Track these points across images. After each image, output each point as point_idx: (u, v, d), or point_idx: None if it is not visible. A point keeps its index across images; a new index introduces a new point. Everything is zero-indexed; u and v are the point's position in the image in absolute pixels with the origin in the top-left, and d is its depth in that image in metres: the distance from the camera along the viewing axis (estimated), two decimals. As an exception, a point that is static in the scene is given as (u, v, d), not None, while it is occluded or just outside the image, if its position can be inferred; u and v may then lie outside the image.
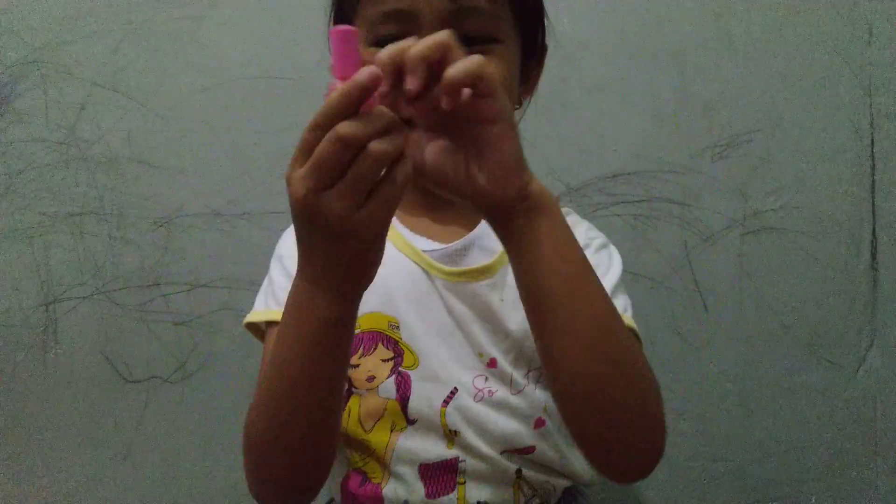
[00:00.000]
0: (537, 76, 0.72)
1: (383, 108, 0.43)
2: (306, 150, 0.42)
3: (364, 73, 0.41)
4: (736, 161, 1.10)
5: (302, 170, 0.42)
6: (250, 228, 1.05)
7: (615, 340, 0.51)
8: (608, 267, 0.70)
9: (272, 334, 0.66)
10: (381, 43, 0.60)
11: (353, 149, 0.41)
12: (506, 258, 0.67)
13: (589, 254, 0.70)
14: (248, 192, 1.06)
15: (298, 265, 0.49)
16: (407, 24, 0.60)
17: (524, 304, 0.53)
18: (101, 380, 1.05)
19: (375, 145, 0.42)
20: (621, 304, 0.67)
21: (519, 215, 0.49)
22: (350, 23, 0.65)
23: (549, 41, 0.72)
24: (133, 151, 1.05)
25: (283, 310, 0.63)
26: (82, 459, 1.06)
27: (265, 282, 0.72)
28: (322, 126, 0.42)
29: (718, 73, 1.10)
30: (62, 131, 1.04)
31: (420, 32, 0.58)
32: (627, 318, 0.67)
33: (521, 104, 0.71)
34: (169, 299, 1.05)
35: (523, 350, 0.66)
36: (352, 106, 0.41)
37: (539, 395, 0.66)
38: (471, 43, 0.59)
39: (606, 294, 0.52)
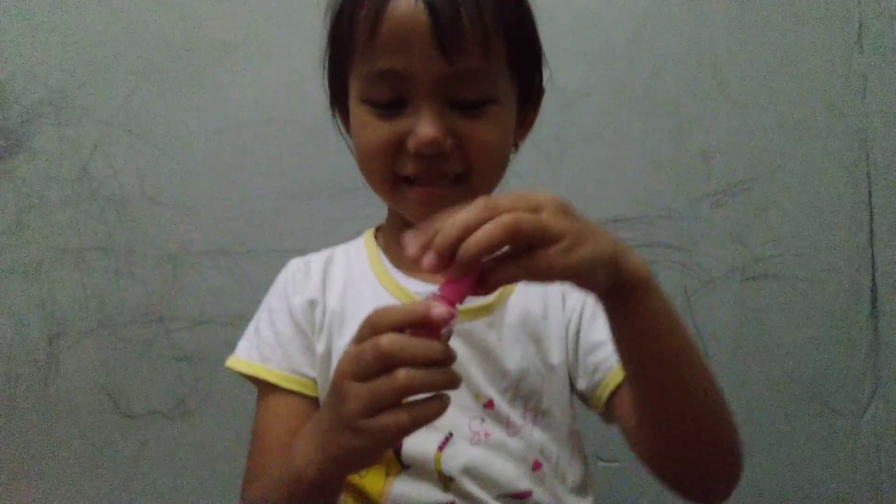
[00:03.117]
0: (533, 118, 0.72)
1: (444, 345, 0.43)
2: (359, 338, 0.44)
3: (439, 312, 0.42)
4: (734, 208, 1.12)
5: (349, 351, 0.44)
6: (255, 266, 1.07)
7: (716, 397, 0.53)
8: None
9: (266, 401, 0.67)
10: (373, 102, 0.61)
11: (389, 362, 0.42)
12: (504, 298, 0.68)
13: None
14: (253, 230, 1.08)
15: (318, 413, 0.50)
16: (402, 85, 0.59)
17: (631, 376, 0.54)
18: (101, 414, 1.05)
19: (403, 374, 0.42)
20: None
21: (612, 296, 0.48)
22: (344, 78, 0.65)
23: (549, 88, 0.73)
24: (143, 190, 1.07)
25: (266, 368, 0.66)
26: (81, 493, 1.05)
27: (252, 325, 0.72)
28: (378, 328, 0.43)
29: (715, 123, 1.12)
30: (74, 169, 1.07)
31: (414, 95, 0.59)
32: None
33: (517, 147, 0.71)
34: (172, 335, 1.06)
35: (520, 389, 0.66)
36: (413, 327, 0.42)
37: (536, 437, 0.65)
38: (466, 107, 0.60)
39: (698, 349, 0.53)
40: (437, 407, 0.43)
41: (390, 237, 0.73)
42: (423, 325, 0.42)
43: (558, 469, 0.65)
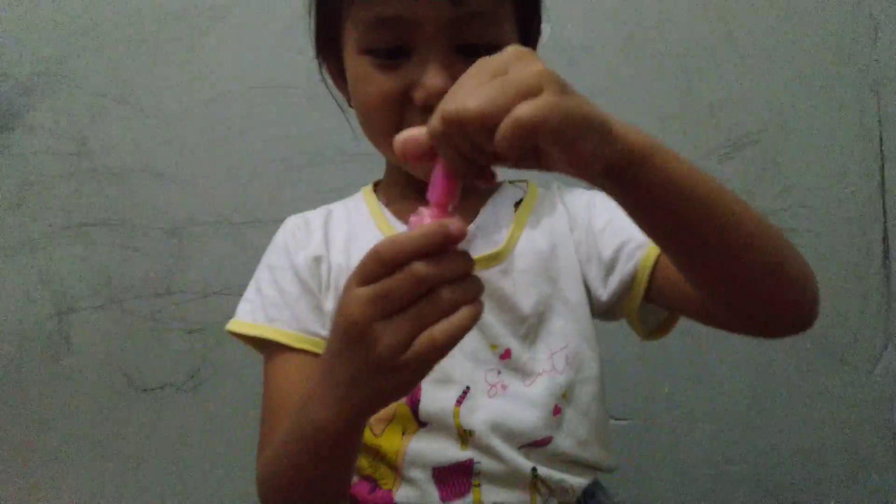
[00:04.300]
0: None
1: (463, 252, 0.42)
2: (371, 275, 0.41)
3: (456, 226, 0.40)
4: (743, 162, 1.10)
5: (364, 293, 0.41)
6: (259, 235, 1.05)
7: (765, 231, 0.48)
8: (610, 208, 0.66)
9: (276, 362, 0.65)
10: (374, 52, 0.58)
11: (426, 288, 0.40)
12: (513, 244, 0.67)
13: (599, 199, 0.68)
14: (256, 199, 1.07)
15: (324, 366, 0.47)
16: (406, 32, 0.57)
17: (666, 250, 0.50)
18: (113, 388, 1.06)
19: (449, 293, 0.40)
20: None
21: (615, 176, 0.42)
22: (337, 25, 0.62)
23: (553, 43, 0.70)
24: (141, 162, 1.06)
25: (274, 328, 0.63)
26: (95, 467, 1.06)
27: (252, 286, 0.69)
28: (397, 260, 0.40)
29: (723, 75, 1.10)
30: (72, 143, 1.05)
31: (419, 42, 0.56)
32: None
33: None
34: (181, 307, 1.06)
35: (540, 332, 0.65)
36: (435, 250, 0.40)
37: (562, 380, 0.64)
38: (472, 51, 0.57)
39: (729, 192, 0.47)
40: (469, 314, 0.41)
41: (392, 192, 0.71)
42: (445, 246, 0.40)
43: (578, 411, 0.65)
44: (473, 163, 0.40)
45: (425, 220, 0.42)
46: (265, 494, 0.58)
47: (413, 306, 0.40)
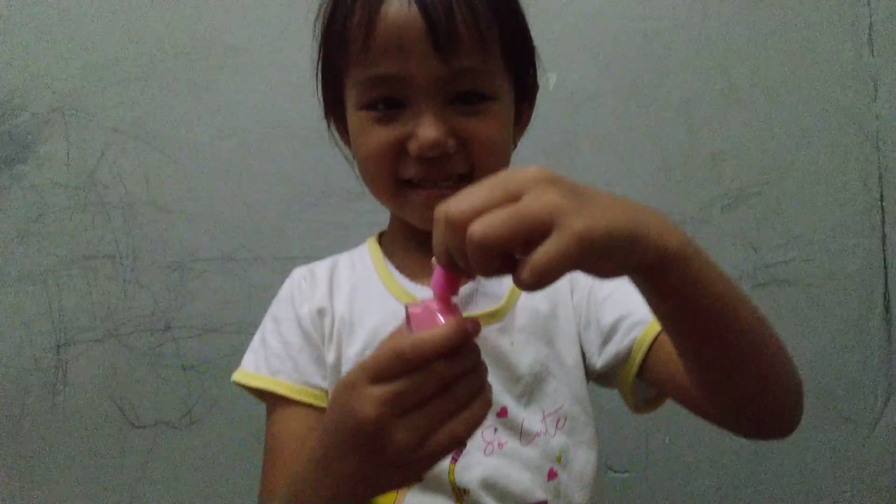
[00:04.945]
0: (529, 115, 0.71)
1: (474, 345, 0.43)
2: (388, 374, 0.41)
3: (472, 325, 0.41)
4: (745, 212, 1.11)
5: (380, 392, 0.41)
6: (262, 273, 1.06)
7: (769, 340, 0.48)
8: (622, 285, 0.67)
9: (277, 414, 0.65)
10: (371, 106, 0.61)
11: (443, 387, 0.41)
12: (512, 302, 0.67)
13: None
14: (259, 236, 1.07)
15: (322, 457, 0.46)
16: (400, 87, 0.59)
17: (676, 343, 0.49)
18: (108, 423, 1.05)
19: (465, 388, 0.41)
20: None
21: (642, 275, 0.42)
22: (340, 86, 0.64)
23: (558, 90, 0.72)
24: (150, 196, 1.07)
25: (276, 380, 0.64)
26: (90, 500, 1.05)
27: (258, 336, 0.70)
28: (415, 362, 0.40)
29: (725, 125, 1.11)
30: (82, 176, 1.06)
31: (413, 98, 0.59)
32: None
33: (515, 145, 0.70)
34: (179, 343, 1.05)
35: (535, 393, 0.65)
36: (454, 350, 0.41)
37: (555, 443, 0.64)
38: (465, 103, 0.60)
39: (746, 298, 0.47)
40: (483, 404, 0.42)
41: (395, 243, 0.72)
42: (462, 345, 0.41)
43: (573, 475, 0.64)
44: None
45: (436, 318, 0.42)
46: None
47: (430, 403, 0.41)
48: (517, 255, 0.37)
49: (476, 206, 0.36)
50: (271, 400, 0.67)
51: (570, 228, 0.35)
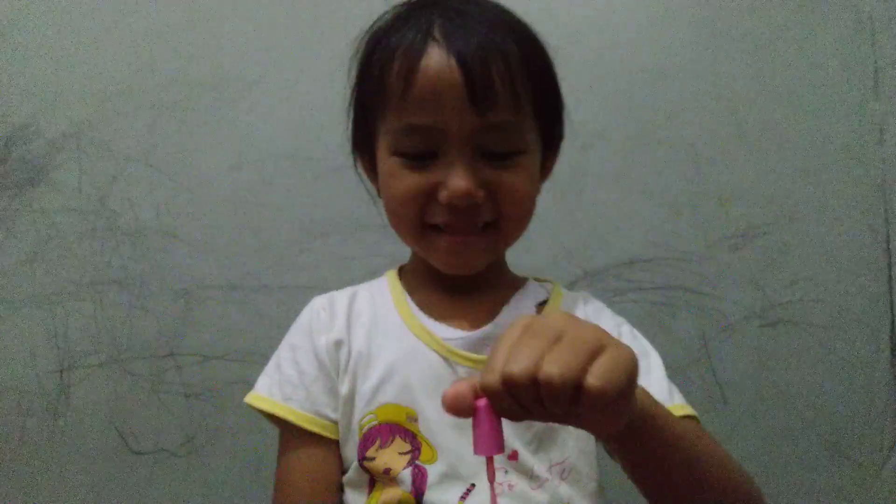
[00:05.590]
0: (553, 162, 0.73)
1: None
2: None
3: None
4: (752, 252, 1.11)
5: None
6: (268, 302, 1.06)
7: (722, 467, 0.58)
8: (648, 355, 0.69)
9: (288, 440, 0.68)
10: (404, 154, 0.62)
11: None
12: None
13: (626, 339, 0.69)
14: (266, 266, 1.08)
15: None
16: (434, 138, 0.60)
17: (638, 479, 0.57)
18: (108, 449, 1.04)
19: None
20: (677, 394, 0.67)
21: (623, 435, 0.49)
22: (373, 127, 0.66)
23: (566, 128, 0.73)
24: (160, 223, 1.07)
25: (288, 407, 0.66)
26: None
27: (273, 361, 0.71)
28: None
29: (733, 166, 1.12)
30: (93, 202, 1.07)
31: (446, 148, 0.60)
32: (687, 407, 0.66)
33: (538, 192, 0.71)
34: (182, 370, 1.05)
35: (544, 442, 0.64)
36: None
37: (563, 492, 0.64)
38: (496, 155, 0.62)
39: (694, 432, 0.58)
40: None
41: (415, 280, 0.73)
42: None
43: None
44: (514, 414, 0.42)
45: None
46: None
47: None
48: None
49: (534, 358, 0.40)
50: (283, 427, 0.68)
51: (614, 351, 0.41)
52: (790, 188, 1.12)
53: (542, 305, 0.71)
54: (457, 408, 0.42)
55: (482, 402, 0.42)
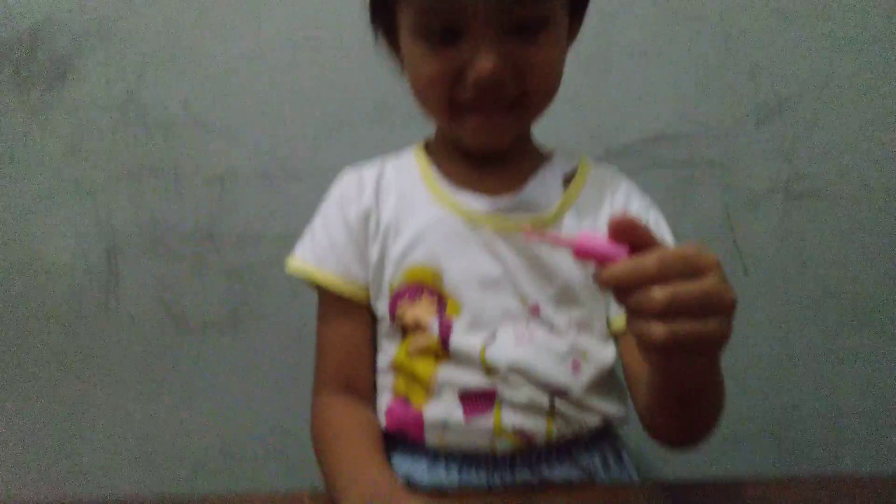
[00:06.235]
0: (577, 28, 0.71)
1: None
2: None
3: None
4: (781, 124, 1.09)
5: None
6: (298, 187, 1.09)
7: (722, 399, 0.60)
8: (661, 231, 0.72)
9: (325, 313, 0.74)
10: (427, 34, 0.61)
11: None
12: (560, 216, 0.69)
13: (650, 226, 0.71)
14: (295, 152, 1.10)
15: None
16: (457, 16, 0.59)
17: (667, 406, 0.60)
18: (160, 326, 1.11)
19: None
20: None
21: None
22: (392, 3, 0.65)
23: (591, 2, 0.71)
24: (188, 113, 1.09)
25: (320, 270, 0.71)
26: (143, 400, 1.12)
27: (308, 231, 0.75)
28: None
29: (765, 36, 1.08)
30: (121, 95, 1.09)
31: (471, 25, 0.59)
32: None
33: (564, 62, 0.70)
34: (221, 252, 1.10)
35: (566, 295, 0.68)
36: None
37: (581, 342, 0.68)
38: (522, 30, 0.60)
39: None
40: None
41: (440, 153, 0.75)
42: None
43: (595, 372, 0.68)
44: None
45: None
46: (312, 439, 0.70)
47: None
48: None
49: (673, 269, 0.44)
50: (320, 293, 0.73)
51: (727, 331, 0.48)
52: (824, 56, 1.08)
53: (568, 180, 0.73)
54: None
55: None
